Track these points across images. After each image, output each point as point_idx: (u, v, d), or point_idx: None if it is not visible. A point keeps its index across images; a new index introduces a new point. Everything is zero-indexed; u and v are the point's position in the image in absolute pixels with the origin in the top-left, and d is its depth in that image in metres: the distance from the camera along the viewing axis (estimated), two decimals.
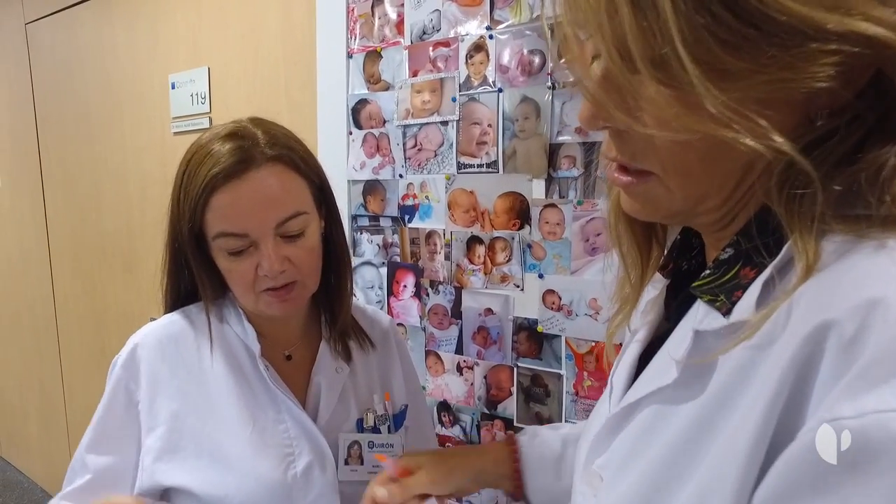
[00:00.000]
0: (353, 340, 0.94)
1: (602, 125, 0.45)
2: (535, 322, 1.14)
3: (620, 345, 0.66)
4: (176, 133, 1.90)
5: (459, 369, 1.26)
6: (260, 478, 0.78)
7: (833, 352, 0.35)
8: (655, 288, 0.62)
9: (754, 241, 0.43)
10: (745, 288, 0.43)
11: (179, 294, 0.89)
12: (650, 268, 0.60)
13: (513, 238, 1.15)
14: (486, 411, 1.23)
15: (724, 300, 0.44)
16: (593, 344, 1.08)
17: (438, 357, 1.29)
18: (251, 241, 0.77)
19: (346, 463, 0.85)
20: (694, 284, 0.47)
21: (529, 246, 1.13)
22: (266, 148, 0.77)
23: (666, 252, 0.60)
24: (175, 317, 0.87)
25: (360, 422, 0.89)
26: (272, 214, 0.77)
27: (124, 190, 2.18)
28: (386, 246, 1.35)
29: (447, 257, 1.25)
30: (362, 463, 0.87)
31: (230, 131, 0.79)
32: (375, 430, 0.90)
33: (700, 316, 0.46)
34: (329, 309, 0.92)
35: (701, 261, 0.57)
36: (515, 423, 1.20)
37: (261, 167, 0.76)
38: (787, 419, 0.36)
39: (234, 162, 0.75)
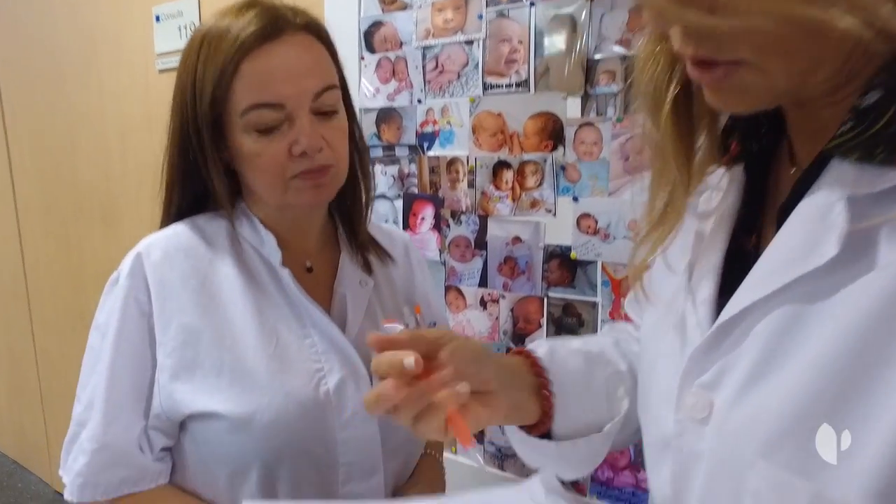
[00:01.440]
0: (373, 255, 0.88)
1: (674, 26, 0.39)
2: (569, 248, 1.09)
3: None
4: (162, 71, 1.78)
5: (483, 303, 1.21)
6: (290, 395, 0.71)
7: None
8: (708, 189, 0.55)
9: None
10: None
11: (183, 202, 0.81)
12: (702, 166, 0.53)
13: (545, 160, 1.10)
14: (513, 346, 1.19)
15: (890, 151, 0.38)
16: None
17: (460, 292, 1.23)
18: (286, 114, 0.70)
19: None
20: (831, 144, 0.41)
21: (563, 168, 1.08)
22: (294, 18, 0.73)
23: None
24: (180, 227, 0.79)
25: None
26: (310, 83, 0.71)
27: (102, 137, 2.05)
28: (402, 177, 1.28)
29: (471, 185, 1.19)
30: None
31: (246, 3, 0.73)
32: None
33: (850, 178, 0.40)
34: (348, 219, 0.86)
35: (773, 139, 0.51)
36: None
37: (294, 34, 0.71)
38: None
39: (265, 24, 0.70)
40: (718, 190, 0.55)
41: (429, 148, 1.23)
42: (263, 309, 0.75)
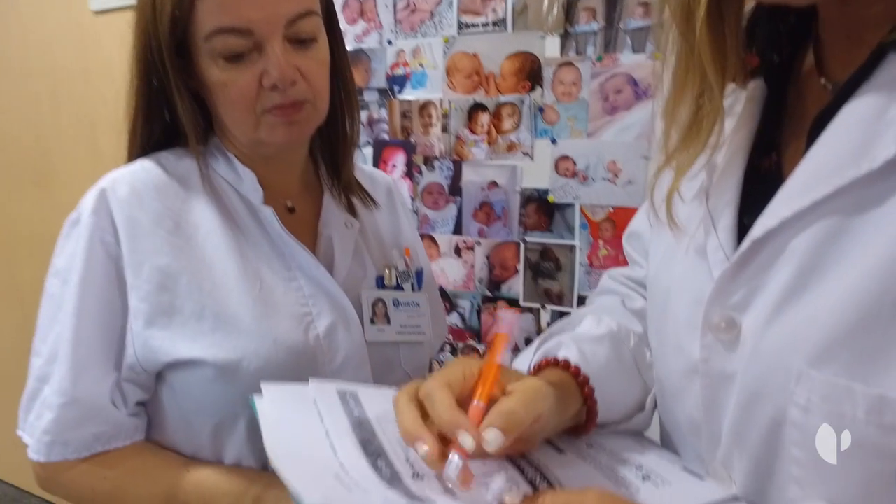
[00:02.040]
0: (356, 198, 0.83)
1: None
2: (546, 192, 1.08)
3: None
4: (98, 12, 1.63)
5: (458, 251, 1.19)
6: (278, 340, 0.66)
7: None
8: None
9: None
10: None
11: (150, 136, 0.73)
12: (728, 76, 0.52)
13: (522, 102, 1.08)
14: (489, 294, 1.18)
15: None
16: (611, 210, 1.04)
17: (433, 240, 1.21)
18: (255, 41, 0.64)
19: (373, 322, 0.76)
20: (891, 38, 0.39)
21: (541, 109, 1.06)
22: None
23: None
24: (147, 163, 0.71)
25: (379, 280, 0.80)
26: (283, 7, 0.64)
27: (29, 88, 1.88)
28: (371, 123, 1.23)
29: (444, 129, 1.15)
30: (389, 322, 0.78)
31: None
32: (398, 287, 0.81)
33: None
34: (330, 158, 0.81)
35: (791, 51, 0.50)
36: (522, 303, 1.15)
37: None
38: None
39: None
40: (731, 115, 0.54)
41: (400, 91, 1.19)
42: (244, 251, 0.70)
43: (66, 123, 1.81)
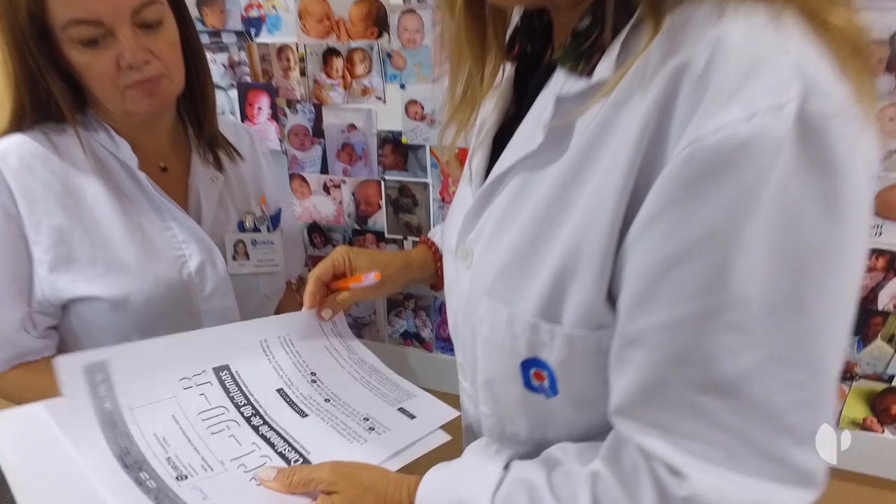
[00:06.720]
0: (222, 151, 0.97)
1: None
2: (400, 133, 1.16)
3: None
4: None
5: (326, 189, 1.27)
6: (158, 278, 0.83)
7: (688, 87, 0.41)
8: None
9: (610, 9, 0.46)
10: (603, 51, 0.47)
11: (31, 110, 0.81)
12: (495, 61, 0.62)
13: (371, 48, 1.12)
14: (357, 227, 1.28)
15: (585, 64, 0.49)
16: (457, 151, 1.13)
17: (304, 179, 1.28)
18: (106, 29, 0.74)
19: (234, 259, 0.94)
20: (556, 56, 0.51)
21: (389, 55, 1.12)
22: None
23: (508, 38, 0.63)
24: (31, 135, 0.82)
25: (240, 224, 0.97)
26: None
27: None
28: (233, 65, 1.25)
29: (303, 73, 1.19)
30: (248, 258, 0.95)
31: None
32: (256, 230, 0.98)
33: (560, 83, 0.50)
34: (194, 118, 0.94)
35: (544, 43, 0.61)
36: (387, 235, 1.26)
37: None
38: (653, 153, 0.42)
39: None
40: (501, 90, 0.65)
41: (257, 34, 1.20)
42: (126, 208, 0.84)
43: None
